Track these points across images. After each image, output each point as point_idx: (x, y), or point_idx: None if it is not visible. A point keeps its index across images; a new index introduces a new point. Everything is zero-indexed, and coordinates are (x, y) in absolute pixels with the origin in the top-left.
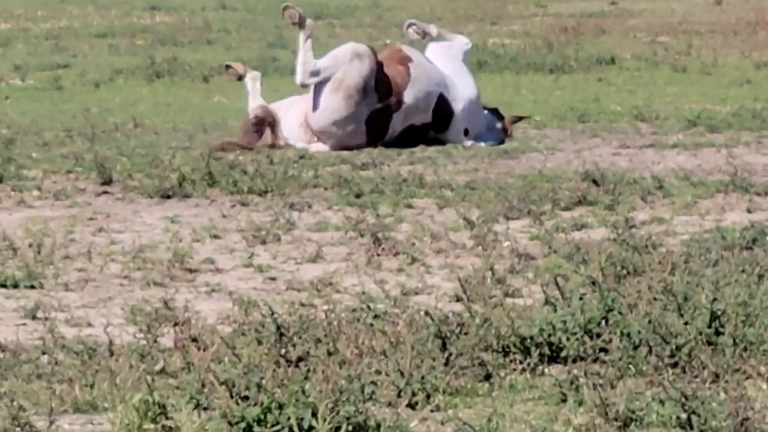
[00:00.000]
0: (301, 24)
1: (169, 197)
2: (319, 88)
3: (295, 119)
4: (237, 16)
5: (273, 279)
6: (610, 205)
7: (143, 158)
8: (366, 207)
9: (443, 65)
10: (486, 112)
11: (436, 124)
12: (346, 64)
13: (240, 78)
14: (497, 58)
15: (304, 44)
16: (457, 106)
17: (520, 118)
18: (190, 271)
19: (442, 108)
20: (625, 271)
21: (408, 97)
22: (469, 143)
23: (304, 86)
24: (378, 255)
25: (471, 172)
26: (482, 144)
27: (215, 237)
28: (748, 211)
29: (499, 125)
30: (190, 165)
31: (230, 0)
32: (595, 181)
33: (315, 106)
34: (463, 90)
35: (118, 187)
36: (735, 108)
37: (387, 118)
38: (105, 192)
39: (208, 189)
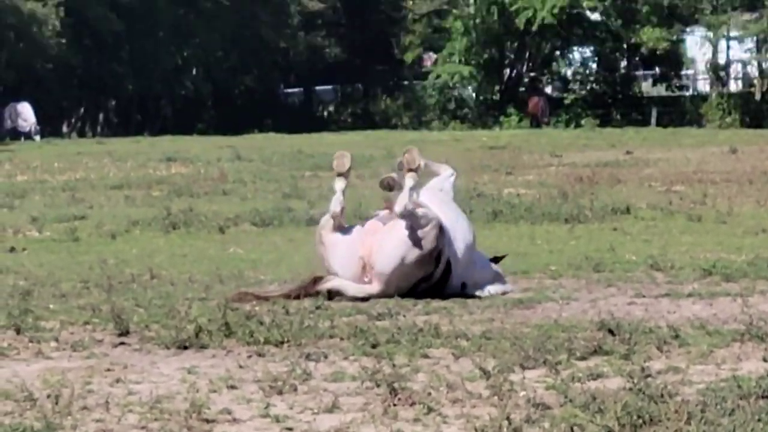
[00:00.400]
0: (417, 170)
1: (185, 348)
2: (401, 234)
3: (355, 249)
4: (252, 167)
5: (290, 429)
6: (625, 354)
7: (160, 309)
8: (382, 357)
9: (442, 214)
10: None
11: (435, 284)
12: (432, 229)
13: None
14: (512, 208)
15: (411, 187)
16: (455, 261)
17: (498, 259)
18: (207, 421)
19: (444, 270)
20: (641, 421)
21: (437, 270)
22: (486, 293)
23: (402, 217)
24: (394, 405)
25: (487, 321)
26: (487, 292)
27: (232, 387)
28: (764, 360)
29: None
30: (207, 316)
31: (245, 151)
32: (610, 331)
33: (387, 248)
34: (460, 242)
35: (135, 338)
36: (750, 257)
37: (419, 284)
38: (122, 343)
39: (225, 340)
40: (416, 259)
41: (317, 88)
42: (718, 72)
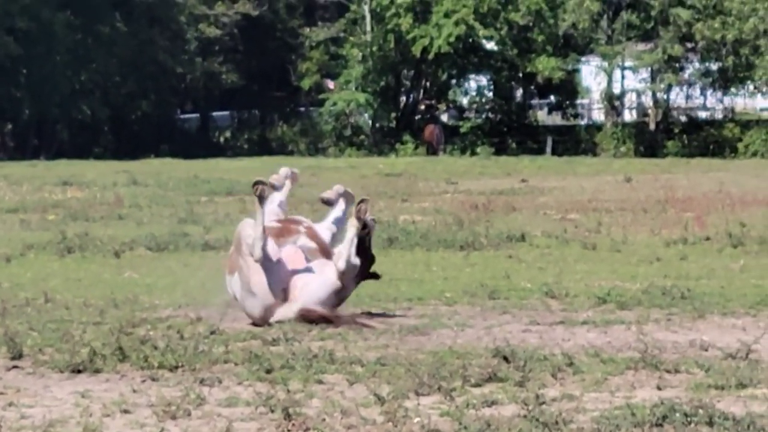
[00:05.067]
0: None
1: (79, 372)
2: (330, 278)
3: (279, 278)
4: (148, 192)
5: None
6: (520, 381)
7: (54, 333)
8: (276, 382)
9: None
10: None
11: None
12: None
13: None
14: (408, 234)
15: (351, 239)
16: None
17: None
18: None
19: None
20: None
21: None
22: None
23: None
24: (288, 430)
25: (381, 348)
26: None
27: (126, 412)
28: (658, 388)
29: None
30: (101, 340)
31: (141, 176)
32: (505, 358)
33: (313, 289)
34: None
35: (28, 362)
36: (645, 285)
37: None
38: (15, 366)
39: (119, 364)
40: (335, 293)
41: (214, 113)
42: (612, 101)
